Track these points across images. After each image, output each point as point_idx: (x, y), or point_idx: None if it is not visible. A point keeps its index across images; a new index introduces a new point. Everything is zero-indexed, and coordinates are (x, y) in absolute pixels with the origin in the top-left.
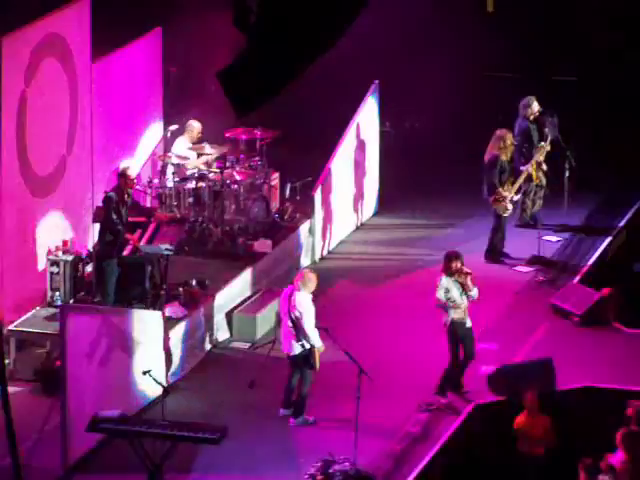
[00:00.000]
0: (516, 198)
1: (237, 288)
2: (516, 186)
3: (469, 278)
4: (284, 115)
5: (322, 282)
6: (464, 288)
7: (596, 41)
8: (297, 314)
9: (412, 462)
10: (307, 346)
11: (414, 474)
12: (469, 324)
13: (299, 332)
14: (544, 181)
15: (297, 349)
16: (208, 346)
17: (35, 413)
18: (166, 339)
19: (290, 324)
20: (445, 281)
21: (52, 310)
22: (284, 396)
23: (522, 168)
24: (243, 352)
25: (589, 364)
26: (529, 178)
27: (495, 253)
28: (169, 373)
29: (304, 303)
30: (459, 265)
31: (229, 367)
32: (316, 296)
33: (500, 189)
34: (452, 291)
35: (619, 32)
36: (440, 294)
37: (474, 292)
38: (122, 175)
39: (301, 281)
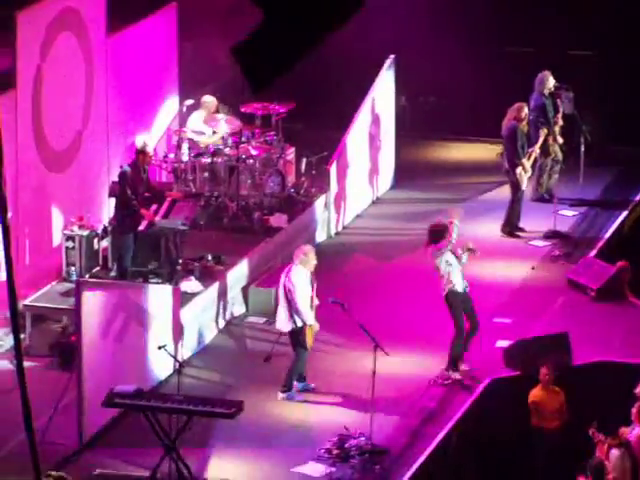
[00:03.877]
0: (529, 173)
1: (253, 263)
2: (531, 161)
3: (469, 245)
4: (300, 90)
5: (337, 257)
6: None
7: (613, 15)
8: (290, 287)
9: (428, 437)
10: (299, 323)
11: (430, 449)
12: (465, 285)
13: (291, 308)
14: (560, 155)
15: (289, 326)
16: (224, 321)
17: (51, 388)
18: (181, 314)
19: (284, 300)
20: (444, 254)
21: (68, 285)
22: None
23: (530, 150)
24: (259, 326)
25: (605, 338)
26: (545, 153)
27: (511, 227)
28: (184, 348)
29: (298, 277)
30: (452, 236)
31: (245, 342)
32: (331, 271)
33: (524, 160)
34: (450, 259)
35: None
36: (443, 266)
37: (464, 258)
38: (141, 151)
39: (299, 257)
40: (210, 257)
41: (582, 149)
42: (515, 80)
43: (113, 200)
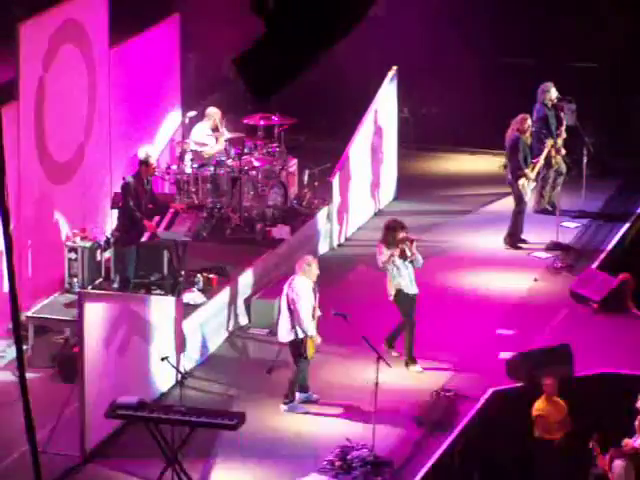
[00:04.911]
0: (533, 185)
1: (255, 274)
2: (534, 172)
3: (414, 245)
4: (302, 101)
5: (340, 268)
6: (404, 255)
7: (615, 26)
8: (293, 297)
9: (430, 448)
10: (300, 334)
11: (432, 460)
12: (415, 291)
13: (293, 318)
14: (563, 167)
15: (290, 336)
16: (226, 332)
17: (53, 400)
18: (183, 325)
19: (287, 310)
20: (387, 250)
21: (70, 296)
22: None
23: (534, 161)
24: (261, 338)
25: (607, 350)
26: (548, 164)
27: (514, 239)
28: (187, 359)
29: (300, 287)
30: (403, 235)
31: (247, 353)
32: (334, 282)
33: (527, 170)
34: (396, 259)
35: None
36: (385, 258)
37: (419, 260)
38: (144, 162)
39: (301, 267)
40: (213, 269)
41: (585, 161)
42: (518, 92)
43: (116, 211)
